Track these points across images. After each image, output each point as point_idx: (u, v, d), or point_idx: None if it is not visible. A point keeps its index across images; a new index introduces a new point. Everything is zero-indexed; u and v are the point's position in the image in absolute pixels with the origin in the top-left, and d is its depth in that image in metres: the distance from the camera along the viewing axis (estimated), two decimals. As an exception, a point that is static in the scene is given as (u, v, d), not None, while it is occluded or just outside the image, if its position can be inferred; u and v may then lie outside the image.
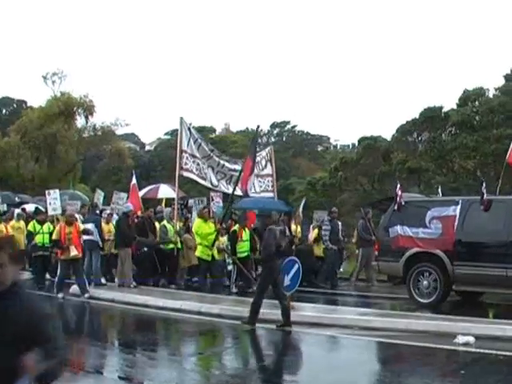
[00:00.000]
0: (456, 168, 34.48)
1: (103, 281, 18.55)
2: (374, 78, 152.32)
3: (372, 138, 40.36)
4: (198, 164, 19.32)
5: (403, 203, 15.83)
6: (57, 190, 20.72)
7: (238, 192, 19.11)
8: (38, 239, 19.45)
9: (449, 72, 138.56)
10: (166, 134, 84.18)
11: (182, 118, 19.43)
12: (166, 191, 26.15)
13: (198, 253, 17.78)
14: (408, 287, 15.37)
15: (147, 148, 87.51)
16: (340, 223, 21.12)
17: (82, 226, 17.54)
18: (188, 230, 19.32)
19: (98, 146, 52.82)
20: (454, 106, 34.71)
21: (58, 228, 17.16)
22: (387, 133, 40.96)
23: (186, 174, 19.30)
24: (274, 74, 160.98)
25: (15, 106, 71.12)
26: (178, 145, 19.35)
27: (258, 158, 20.18)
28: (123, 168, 56.73)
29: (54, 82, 54.28)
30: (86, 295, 16.55)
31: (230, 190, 19.07)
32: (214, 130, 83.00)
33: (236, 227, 18.74)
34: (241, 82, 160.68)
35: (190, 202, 22.65)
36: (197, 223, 18.13)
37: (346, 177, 37.32)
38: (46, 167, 48.20)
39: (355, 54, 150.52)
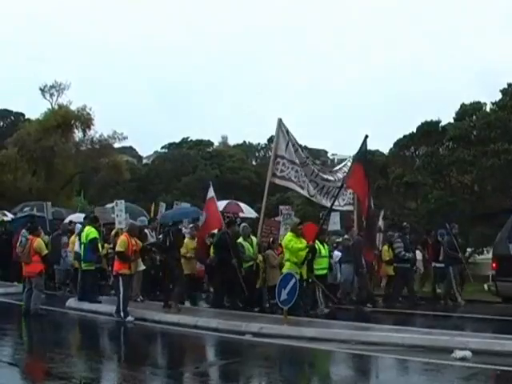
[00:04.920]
0: (453, 183, 34.43)
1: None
2: (371, 92, 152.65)
3: (369, 152, 40.30)
4: (297, 171, 17.68)
5: None
6: (122, 201, 19.70)
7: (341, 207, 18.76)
8: None
9: (446, 86, 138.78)
10: (163, 147, 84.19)
11: (280, 120, 17.63)
12: (248, 209, 24.57)
13: (284, 269, 15.73)
14: None
15: (144, 161, 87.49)
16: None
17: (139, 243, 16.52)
18: (269, 246, 17.73)
19: (96, 159, 52.68)
20: (452, 121, 34.69)
21: (123, 239, 15.88)
22: (384, 147, 40.93)
23: (278, 181, 17.67)
24: (272, 88, 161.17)
25: (13, 118, 71.00)
26: (273, 149, 17.87)
27: (345, 169, 19.15)
28: (120, 181, 56.74)
29: (51, 94, 54.50)
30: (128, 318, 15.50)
31: (323, 202, 18.30)
32: (212, 144, 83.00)
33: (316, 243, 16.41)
34: (238, 95, 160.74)
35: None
36: (288, 237, 15.95)
37: (344, 191, 37.25)
38: (44, 180, 48.05)
39: (353, 67, 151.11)
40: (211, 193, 18.34)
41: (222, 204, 23.79)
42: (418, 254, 21.41)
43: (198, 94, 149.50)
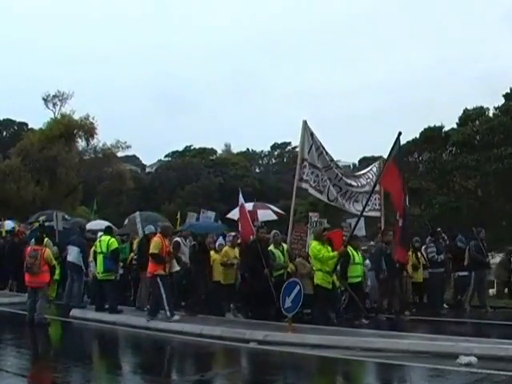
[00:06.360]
0: (457, 188, 34.45)
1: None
2: (374, 98, 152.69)
3: (373, 158, 40.40)
4: (318, 175, 17.34)
5: None
6: (137, 213, 19.71)
7: (371, 213, 18.51)
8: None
9: (448, 91, 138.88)
10: (167, 155, 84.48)
11: (305, 122, 17.21)
12: (265, 214, 24.37)
13: (317, 280, 15.44)
14: None
15: (148, 170, 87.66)
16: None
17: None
18: (300, 254, 17.43)
19: (99, 168, 52.84)
20: (455, 126, 34.74)
21: (157, 240, 15.71)
22: (387, 153, 40.89)
23: (304, 185, 17.32)
24: (274, 95, 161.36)
25: (16, 128, 71.28)
26: (299, 152, 17.49)
27: (369, 175, 18.96)
28: (124, 190, 56.81)
29: (54, 104, 54.64)
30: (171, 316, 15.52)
31: (346, 207, 18.09)
32: (215, 152, 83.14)
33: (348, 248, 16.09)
34: (241, 103, 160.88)
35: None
36: (315, 246, 15.49)
37: (348, 197, 37.27)
38: (47, 189, 48.16)
39: (353, 75, 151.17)
40: (241, 199, 18.00)
41: (249, 205, 22.99)
42: None
43: (200, 101, 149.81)
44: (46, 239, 18.35)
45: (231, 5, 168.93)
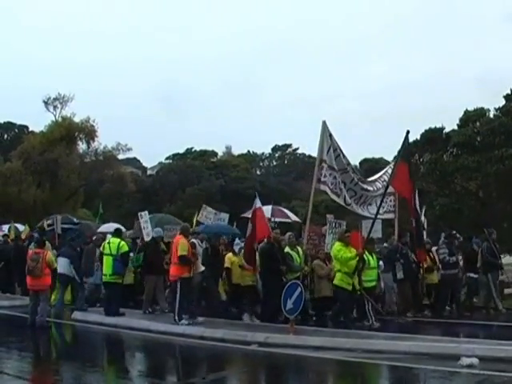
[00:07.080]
0: (458, 189, 34.43)
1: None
2: (374, 100, 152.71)
3: (374, 159, 40.34)
4: (335, 177, 17.18)
5: None
6: (146, 212, 19.56)
7: (387, 215, 18.47)
8: None
9: (449, 93, 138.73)
10: (168, 158, 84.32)
11: (324, 122, 16.97)
12: (280, 216, 24.90)
13: (336, 281, 15.43)
14: None
15: (149, 172, 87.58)
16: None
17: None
18: (317, 256, 17.50)
19: (100, 170, 52.84)
20: (455, 127, 34.72)
21: (184, 242, 15.63)
22: (388, 155, 40.86)
23: (322, 187, 17.08)
24: (275, 97, 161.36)
25: (17, 131, 71.28)
26: (318, 154, 17.21)
27: (384, 177, 18.73)
28: (125, 193, 56.82)
29: (55, 107, 54.70)
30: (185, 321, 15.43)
31: (360, 211, 17.97)
32: (216, 154, 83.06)
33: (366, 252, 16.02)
34: (241, 105, 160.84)
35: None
36: (336, 247, 15.58)
37: (349, 199, 37.25)
38: (48, 192, 48.20)
39: (355, 74, 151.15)
40: (258, 203, 17.76)
41: (267, 209, 23.42)
42: None
43: (201, 104, 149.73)
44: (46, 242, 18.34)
45: (232, 8, 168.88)
